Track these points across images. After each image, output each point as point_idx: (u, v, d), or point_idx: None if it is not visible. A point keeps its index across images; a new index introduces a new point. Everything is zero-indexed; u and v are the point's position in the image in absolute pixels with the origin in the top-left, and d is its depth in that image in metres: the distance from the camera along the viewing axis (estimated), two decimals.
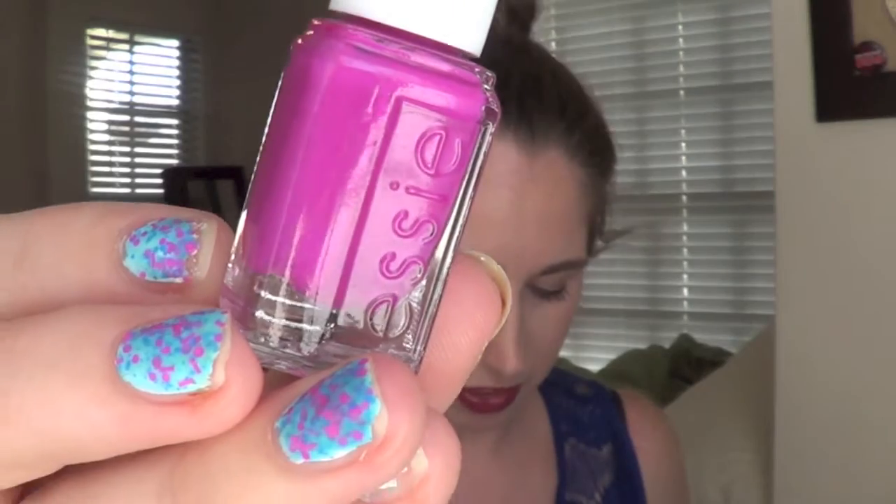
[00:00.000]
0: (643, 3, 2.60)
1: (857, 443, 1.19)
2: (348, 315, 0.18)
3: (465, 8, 0.19)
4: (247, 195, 0.19)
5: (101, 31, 3.08)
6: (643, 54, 2.63)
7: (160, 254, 0.18)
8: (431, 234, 0.19)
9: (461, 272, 0.19)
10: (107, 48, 3.12)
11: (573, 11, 2.74)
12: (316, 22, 0.19)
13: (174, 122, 3.31)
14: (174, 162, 3.29)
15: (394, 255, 0.19)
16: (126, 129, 3.18)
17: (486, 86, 0.19)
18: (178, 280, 0.18)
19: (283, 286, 0.18)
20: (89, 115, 3.06)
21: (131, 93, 3.16)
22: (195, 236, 0.18)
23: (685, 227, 2.62)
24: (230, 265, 0.19)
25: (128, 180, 3.20)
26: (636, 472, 0.79)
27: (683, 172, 2.62)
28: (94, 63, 3.06)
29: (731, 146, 2.51)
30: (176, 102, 3.30)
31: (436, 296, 0.19)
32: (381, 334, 0.19)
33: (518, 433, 0.76)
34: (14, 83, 2.77)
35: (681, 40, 2.57)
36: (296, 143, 0.18)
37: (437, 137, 0.18)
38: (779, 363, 1.26)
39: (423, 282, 0.19)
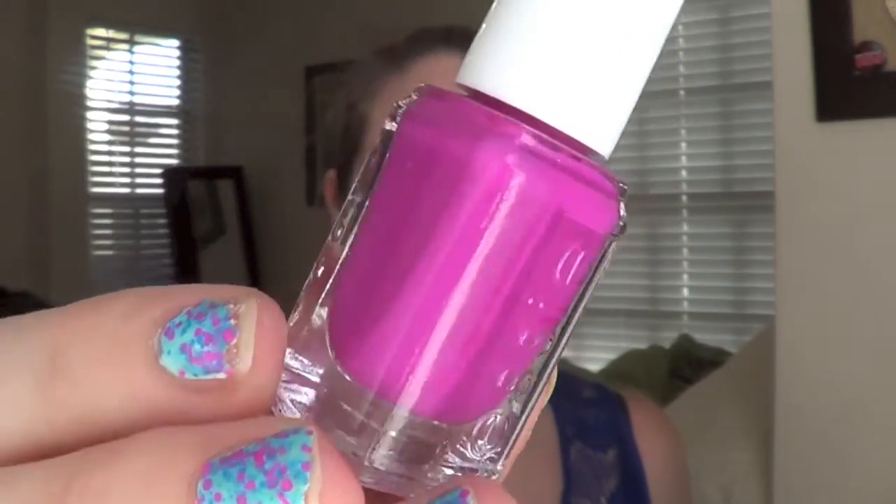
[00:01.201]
0: None
1: (857, 443, 1.19)
2: (458, 432, 0.17)
3: (613, 107, 0.17)
4: (328, 270, 0.17)
5: (101, 31, 3.08)
6: None
7: (197, 347, 0.16)
8: (547, 349, 0.18)
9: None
10: (107, 48, 3.12)
11: None
12: (429, 89, 0.17)
13: (174, 122, 3.31)
14: (174, 162, 3.28)
15: (511, 372, 0.17)
16: (126, 128, 3.18)
17: (620, 196, 0.18)
18: (221, 376, 0.16)
19: (404, 405, 0.16)
20: (89, 114, 3.05)
21: (131, 93, 3.16)
22: (233, 322, 0.16)
23: (685, 227, 2.62)
24: (295, 351, 0.17)
25: (128, 180, 3.20)
26: (641, 476, 0.79)
27: (683, 172, 2.62)
28: (94, 63, 3.06)
29: (731, 146, 2.51)
30: (176, 102, 3.29)
31: (534, 409, 0.18)
32: (479, 452, 0.17)
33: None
34: (14, 83, 2.77)
35: (681, 40, 2.57)
36: (438, 244, 0.16)
37: (579, 253, 0.17)
38: (779, 363, 1.26)
39: (527, 395, 0.18)
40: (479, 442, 0.17)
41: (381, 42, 0.77)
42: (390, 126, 0.18)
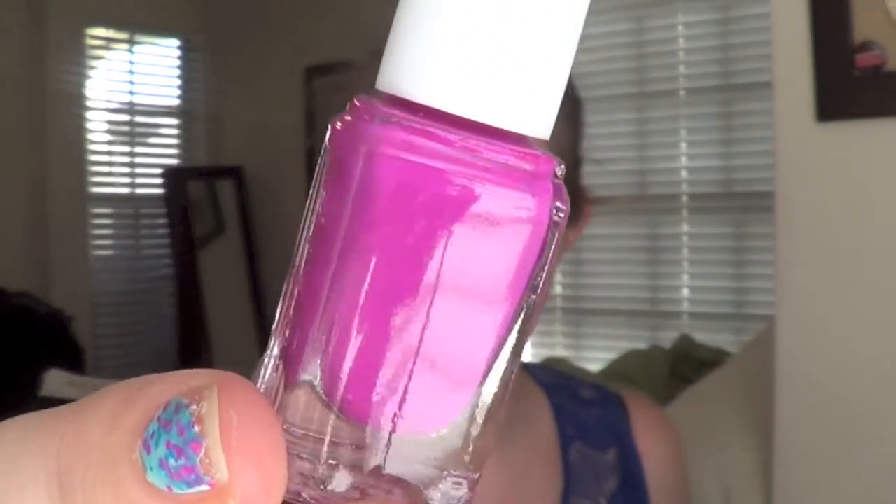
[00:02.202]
0: (643, 3, 2.60)
1: (857, 443, 1.19)
2: (406, 440, 0.17)
3: (532, 87, 0.17)
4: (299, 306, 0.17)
5: (100, 31, 3.08)
6: (643, 54, 2.63)
7: (172, 462, 0.15)
8: (495, 346, 0.17)
9: None
10: (107, 48, 3.12)
11: None
12: (357, 103, 0.17)
13: (174, 121, 3.31)
14: (174, 162, 3.28)
15: (452, 370, 0.17)
16: (126, 128, 3.18)
17: (555, 178, 0.17)
18: (204, 488, 0.15)
19: (316, 401, 0.16)
20: (89, 114, 3.05)
21: (131, 93, 3.16)
22: (197, 430, 0.15)
23: (685, 227, 2.62)
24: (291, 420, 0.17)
25: (128, 180, 3.20)
26: (641, 477, 0.79)
27: (683, 172, 2.62)
28: (93, 63, 3.06)
29: (731, 146, 2.51)
30: (176, 102, 3.29)
31: (494, 410, 0.18)
32: (439, 456, 0.17)
33: (522, 436, 0.75)
34: (14, 83, 2.77)
35: (681, 40, 2.57)
36: (351, 249, 0.16)
37: (502, 240, 0.17)
38: (779, 363, 1.26)
39: (482, 396, 0.17)
40: (435, 448, 0.17)
41: (380, 44, 0.77)
42: (324, 147, 0.18)
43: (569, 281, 2.67)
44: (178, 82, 3.29)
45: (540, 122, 0.17)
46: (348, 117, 0.17)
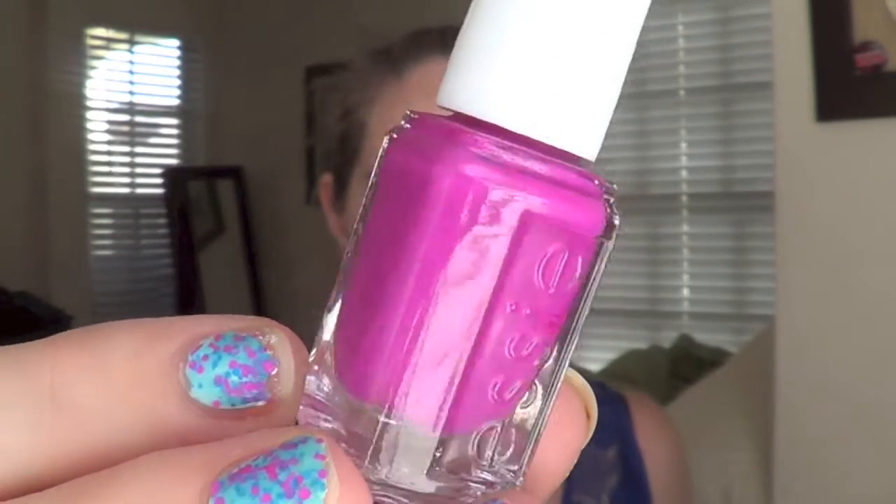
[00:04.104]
0: None
1: (857, 442, 1.19)
2: (458, 443, 0.17)
3: (587, 111, 0.18)
4: (338, 300, 0.18)
5: (101, 31, 3.08)
6: (643, 54, 2.63)
7: (235, 378, 0.16)
8: (545, 357, 0.18)
9: None
10: (107, 48, 3.12)
11: None
12: (413, 116, 0.18)
13: (174, 121, 3.31)
14: (174, 162, 3.28)
15: (506, 380, 0.17)
16: (126, 128, 3.17)
17: (607, 196, 0.18)
18: (261, 403, 0.16)
19: (394, 415, 0.16)
20: (89, 114, 3.05)
21: (131, 93, 3.16)
22: (269, 353, 0.16)
23: (685, 227, 2.62)
24: (314, 375, 0.17)
25: (128, 180, 3.20)
26: (642, 475, 0.79)
27: (683, 172, 2.62)
28: (94, 63, 3.06)
29: (731, 146, 2.51)
30: (176, 102, 3.29)
31: (544, 421, 0.18)
32: (487, 462, 0.18)
33: None
34: (14, 83, 2.77)
35: (681, 40, 2.57)
36: (409, 258, 0.16)
37: (561, 256, 0.17)
38: (779, 363, 1.26)
39: (534, 406, 0.18)
40: (488, 453, 0.18)
41: (377, 43, 0.77)
42: (380, 154, 0.18)
43: None
44: (178, 82, 3.29)
45: (594, 143, 0.18)
46: (409, 128, 0.17)
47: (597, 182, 0.18)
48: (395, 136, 0.18)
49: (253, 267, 3.09)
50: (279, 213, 3.08)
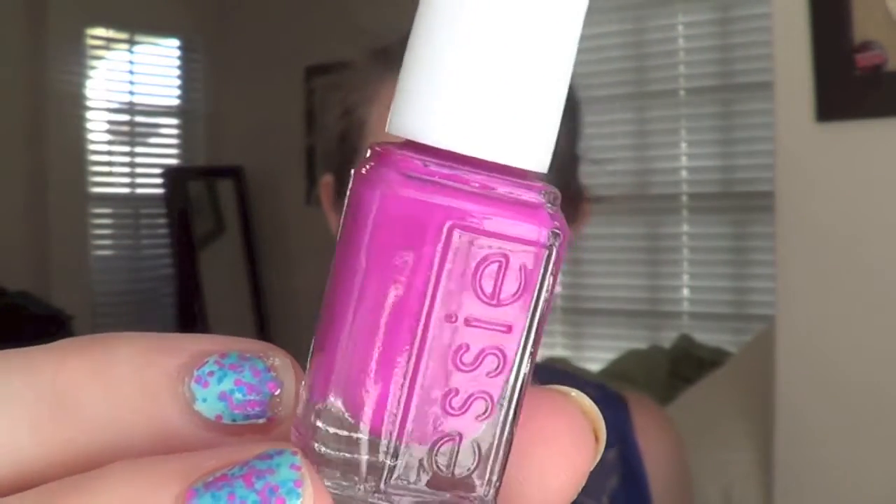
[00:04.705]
0: (643, 3, 2.60)
1: (857, 442, 1.19)
2: (411, 453, 0.18)
3: (526, 124, 0.18)
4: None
5: (101, 31, 3.08)
6: (643, 54, 2.63)
7: (239, 395, 0.17)
8: (498, 368, 0.18)
9: (552, 409, 0.19)
10: (107, 48, 3.12)
11: None
12: (377, 148, 0.18)
13: (174, 121, 3.31)
14: (174, 162, 3.28)
15: (457, 391, 0.18)
16: (126, 128, 3.18)
17: (549, 205, 0.18)
18: (261, 421, 0.17)
19: (338, 416, 0.17)
20: (89, 114, 3.05)
21: (131, 93, 3.16)
22: (273, 374, 0.17)
23: (685, 227, 2.62)
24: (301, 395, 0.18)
25: (128, 180, 3.20)
26: (642, 476, 0.79)
27: (683, 172, 2.62)
28: (94, 63, 3.06)
29: (731, 146, 2.51)
30: (176, 102, 3.29)
31: (506, 433, 0.18)
32: (447, 474, 0.18)
33: None
34: (14, 83, 2.77)
35: (681, 40, 2.57)
36: (350, 275, 0.17)
37: (497, 265, 0.17)
38: (779, 363, 1.26)
39: (491, 418, 0.18)
40: (448, 466, 0.18)
41: (376, 42, 0.77)
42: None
43: (569, 281, 2.67)
44: (178, 82, 3.29)
45: (539, 154, 0.18)
46: (369, 162, 0.18)
47: (539, 192, 0.18)
48: (360, 169, 0.19)
49: (253, 267, 3.09)
50: (279, 213, 3.08)
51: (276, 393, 0.17)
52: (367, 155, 0.18)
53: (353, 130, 0.74)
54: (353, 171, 0.18)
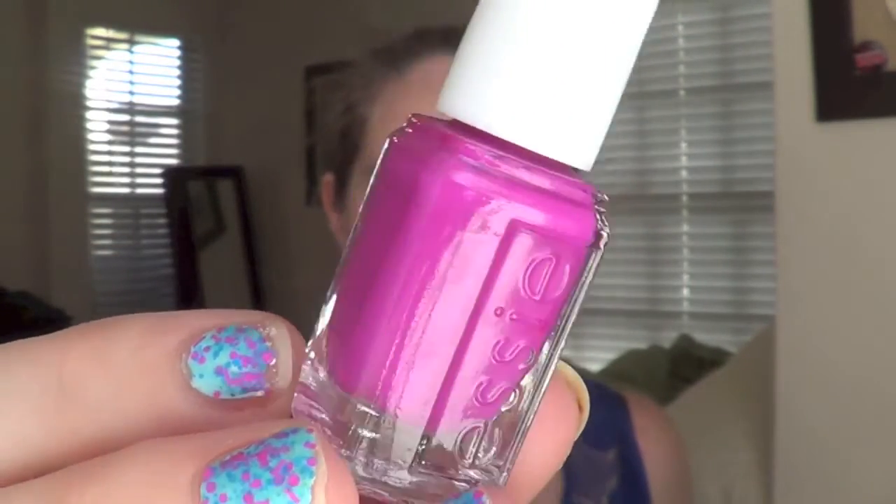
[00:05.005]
0: None
1: (857, 443, 1.19)
2: (441, 441, 0.18)
3: (581, 122, 0.18)
4: (333, 294, 0.18)
5: (100, 31, 3.08)
6: (643, 54, 2.58)
7: (235, 369, 0.17)
8: (530, 361, 0.18)
9: None
10: (107, 48, 3.12)
11: None
12: (415, 120, 0.18)
13: (174, 121, 3.31)
14: (174, 162, 3.28)
15: (490, 382, 0.18)
16: (126, 128, 3.17)
17: (597, 206, 0.18)
18: (260, 393, 0.17)
19: (378, 410, 0.17)
20: (89, 114, 3.05)
21: (131, 93, 3.16)
22: (269, 344, 0.17)
23: (685, 227, 2.62)
24: (308, 366, 0.18)
25: (128, 180, 3.20)
26: (642, 476, 0.79)
27: (683, 172, 2.62)
28: (93, 63, 3.06)
29: (731, 146, 2.51)
30: (176, 102, 3.29)
31: (528, 422, 0.18)
32: (470, 460, 0.18)
33: None
34: (14, 83, 2.77)
35: (681, 40, 2.57)
36: (397, 260, 0.17)
37: (548, 264, 0.17)
38: (779, 363, 1.26)
39: (518, 409, 0.18)
40: (471, 452, 0.18)
41: (379, 42, 0.77)
42: (381, 156, 0.19)
43: None
44: (178, 82, 3.29)
45: (588, 154, 0.18)
46: (410, 132, 0.18)
47: (588, 192, 0.18)
48: (395, 139, 0.18)
49: (253, 267, 3.09)
50: (279, 213, 3.08)
51: (272, 363, 0.17)
52: (408, 126, 0.18)
53: (354, 128, 0.74)
54: (389, 140, 0.18)
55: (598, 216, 0.18)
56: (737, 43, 2.47)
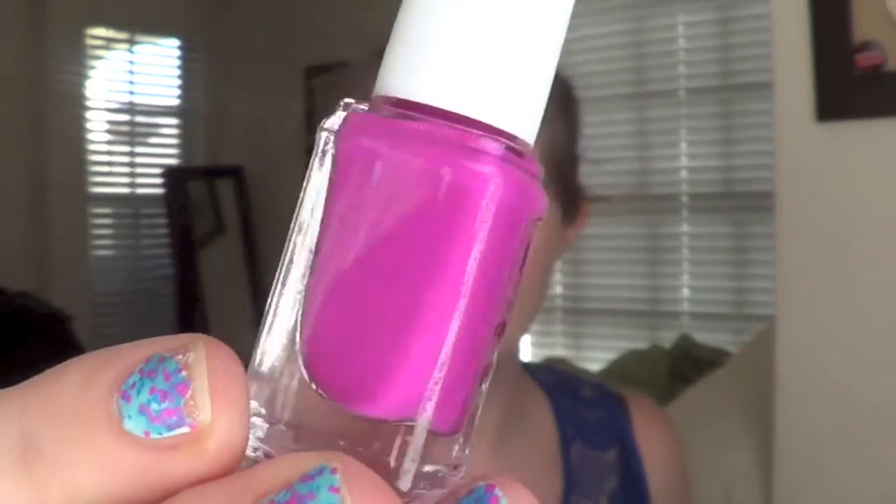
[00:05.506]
0: (643, 3, 2.60)
1: (857, 442, 1.19)
2: (449, 439, 0.17)
3: (523, 93, 0.18)
4: (302, 299, 0.17)
5: (100, 31, 3.08)
6: (643, 54, 2.63)
7: (155, 406, 0.15)
8: (501, 340, 0.18)
9: None
10: (107, 48, 3.12)
11: (573, 11, 2.74)
12: (360, 105, 0.18)
13: (174, 121, 3.31)
14: (174, 162, 3.28)
15: (488, 368, 0.18)
16: (126, 128, 3.18)
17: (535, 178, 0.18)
18: (185, 430, 0.15)
19: (427, 429, 0.17)
20: (89, 114, 3.05)
21: (131, 92, 3.16)
22: (184, 374, 0.15)
23: (685, 227, 2.62)
24: (266, 387, 0.17)
25: (128, 180, 3.20)
26: (642, 477, 0.79)
27: (683, 172, 2.62)
28: (93, 63, 3.06)
29: (731, 146, 2.51)
30: (176, 102, 3.29)
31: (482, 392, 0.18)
32: (465, 448, 0.18)
33: (520, 435, 0.75)
34: (14, 83, 2.77)
35: (681, 40, 2.57)
36: (457, 271, 0.16)
37: (528, 245, 0.18)
38: (779, 363, 1.26)
39: (485, 388, 0.18)
40: (462, 447, 0.18)
41: (376, 43, 0.77)
42: (325, 147, 0.18)
43: (569, 281, 2.67)
44: (178, 82, 3.29)
45: (534, 127, 0.18)
46: (345, 116, 0.18)
47: (538, 164, 0.18)
48: (344, 126, 0.18)
49: (253, 267, 3.09)
50: (279, 213, 3.07)
51: (187, 396, 0.15)
52: (362, 115, 0.18)
53: None
54: (345, 129, 0.17)
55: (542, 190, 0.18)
56: (737, 43, 2.47)
